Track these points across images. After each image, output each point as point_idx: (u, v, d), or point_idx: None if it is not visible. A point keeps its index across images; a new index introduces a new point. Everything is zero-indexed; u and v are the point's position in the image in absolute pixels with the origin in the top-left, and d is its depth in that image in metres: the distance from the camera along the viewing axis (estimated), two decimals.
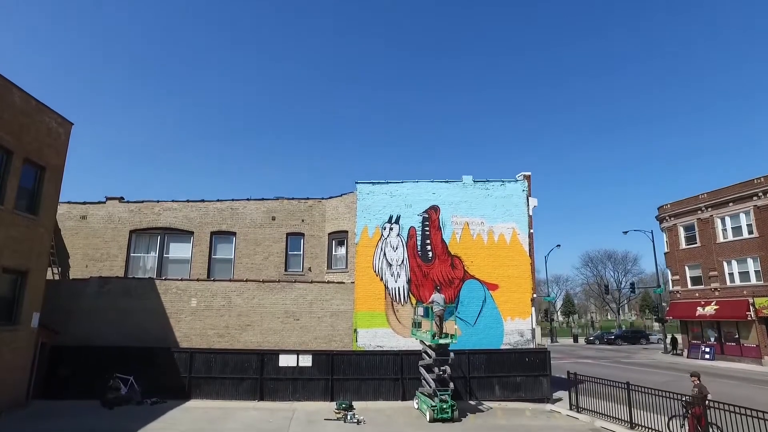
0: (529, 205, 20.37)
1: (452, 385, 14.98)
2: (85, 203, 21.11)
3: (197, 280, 19.24)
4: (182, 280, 18.99)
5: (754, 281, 32.05)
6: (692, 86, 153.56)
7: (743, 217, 33.30)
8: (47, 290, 15.92)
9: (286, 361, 17.08)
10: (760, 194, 31.91)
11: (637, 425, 12.89)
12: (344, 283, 19.53)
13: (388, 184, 20.34)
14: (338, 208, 21.25)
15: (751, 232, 32.64)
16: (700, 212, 36.44)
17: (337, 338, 18.79)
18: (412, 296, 19.27)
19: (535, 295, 19.82)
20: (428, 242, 19.82)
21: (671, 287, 39.85)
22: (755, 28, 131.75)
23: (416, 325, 16.88)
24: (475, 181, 20.48)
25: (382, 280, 19.40)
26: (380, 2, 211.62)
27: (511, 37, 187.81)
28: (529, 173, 20.95)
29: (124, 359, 16.46)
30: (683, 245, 38.15)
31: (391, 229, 19.87)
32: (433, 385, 14.67)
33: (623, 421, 13.28)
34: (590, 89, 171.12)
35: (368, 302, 19.12)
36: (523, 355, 18.01)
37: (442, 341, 14.78)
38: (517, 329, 19.20)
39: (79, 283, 18.35)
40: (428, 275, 19.50)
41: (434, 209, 20.08)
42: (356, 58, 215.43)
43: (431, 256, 19.70)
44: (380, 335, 18.81)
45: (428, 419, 13.97)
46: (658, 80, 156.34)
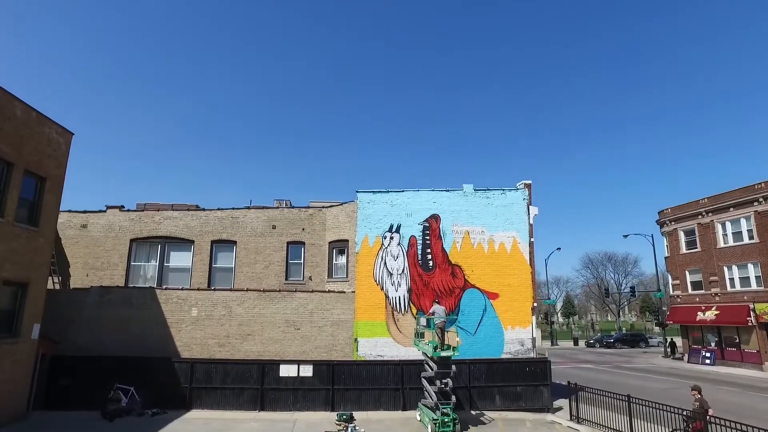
0: (529, 213, 20.33)
1: (454, 398, 14.95)
2: (85, 212, 21.09)
3: (198, 289, 19.23)
4: (183, 289, 18.98)
5: (754, 287, 32.01)
6: (693, 86, 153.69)
7: (744, 222, 33.27)
8: (47, 300, 15.91)
9: (287, 371, 17.07)
10: (760, 199, 31.88)
11: None
12: (345, 292, 19.51)
13: (388, 193, 20.32)
14: (339, 216, 21.21)
15: (751, 237, 32.61)
16: (700, 217, 36.43)
17: (337, 348, 18.77)
18: (412, 305, 19.25)
19: (535, 303, 19.80)
20: (429, 251, 19.80)
21: (672, 291, 39.82)
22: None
23: (419, 335, 16.82)
24: (475, 189, 20.45)
25: (382, 289, 19.38)
26: (380, 2, 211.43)
27: (510, 37, 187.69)
28: (529, 181, 20.87)
29: (124, 369, 16.46)
30: (684, 250, 38.14)
31: (391, 238, 19.85)
32: (434, 397, 14.64)
33: None
34: (590, 89, 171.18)
35: (369, 311, 19.10)
36: (523, 364, 17.99)
37: (444, 353, 14.76)
38: (517, 338, 19.19)
39: (79, 292, 18.35)
40: (429, 284, 19.48)
41: (435, 218, 20.06)
42: (357, 57, 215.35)
43: (432, 265, 19.69)
44: (381, 344, 18.80)
45: None
46: (658, 80, 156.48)
